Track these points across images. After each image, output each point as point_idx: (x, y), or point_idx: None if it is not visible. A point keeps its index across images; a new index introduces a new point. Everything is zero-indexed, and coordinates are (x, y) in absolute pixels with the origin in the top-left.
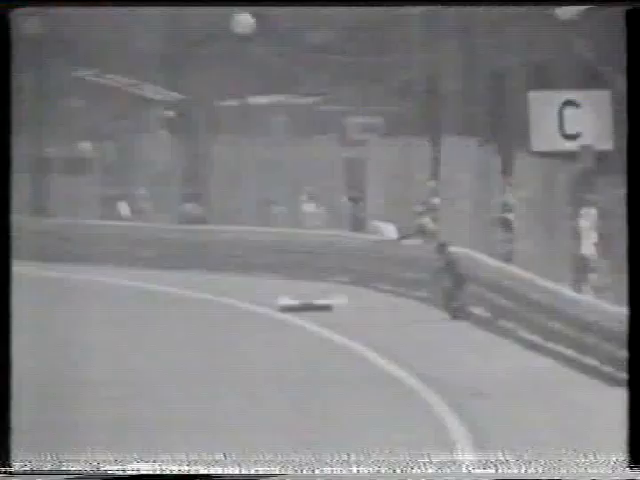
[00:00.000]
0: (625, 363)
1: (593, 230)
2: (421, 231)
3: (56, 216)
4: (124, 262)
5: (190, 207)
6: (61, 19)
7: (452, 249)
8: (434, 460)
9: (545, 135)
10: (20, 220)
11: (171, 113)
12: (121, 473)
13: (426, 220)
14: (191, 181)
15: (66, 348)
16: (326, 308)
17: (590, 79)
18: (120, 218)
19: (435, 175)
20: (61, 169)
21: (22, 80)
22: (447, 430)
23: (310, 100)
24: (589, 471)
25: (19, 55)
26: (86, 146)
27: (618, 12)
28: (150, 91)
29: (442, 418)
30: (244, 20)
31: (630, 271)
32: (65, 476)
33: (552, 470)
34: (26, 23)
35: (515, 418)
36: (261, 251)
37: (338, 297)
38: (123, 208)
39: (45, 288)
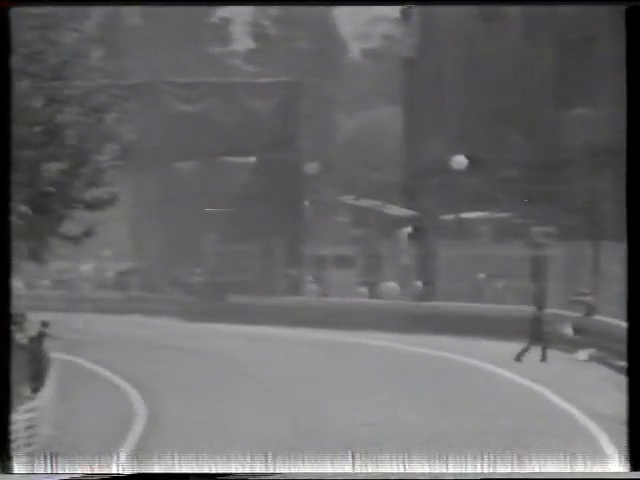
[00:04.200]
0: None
1: None
2: (587, 306)
3: (331, 296)
4: (376, 328)
5: (422, 288)
6: (331, 162)
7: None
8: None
9: None
10: (306, 300)
11: (408, 225)
12: (121, 473)
13: (588, 299)
14: (422, 271)
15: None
16: None
17: None
18: (375, 297)
19: (596, 270)
20: (333, 264)
21: (301, 203)
22: None
23: (506, 215)
24: (589, 471)
25: (303, 191)
26: (350, 248)
27: None
28: (392, 210)
29: None
30: (460, 160)
31: (629, 275)
32: (64, 477)
33: (553, 470)
34: (306, 167)
35: None
36: (474, 320)
37: None
38: (392, 287)
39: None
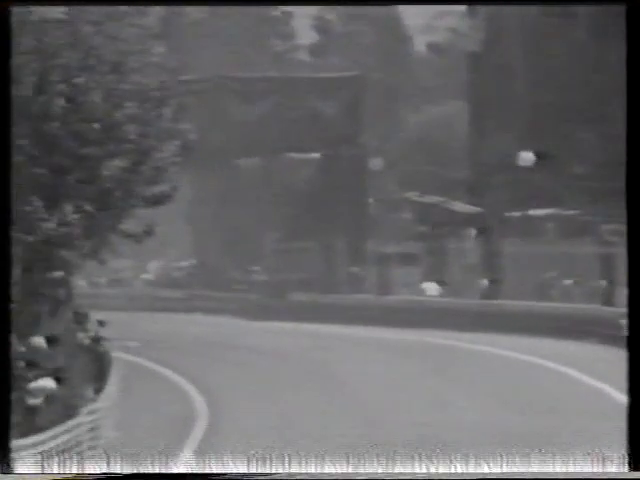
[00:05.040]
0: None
1: None
2: None
3: (398, 294)
4: (441, 326)
5: (486, 287)
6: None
7: None
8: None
9: None
10: (369, 298)
11: (473, 222)
12: (120, 473)
13: None
14: (488, 269)
15: None
16: None
17: None
18: (438, 295)
19: None
20: (397, 262)
21: (365, 200)
22: None
23: (574, 212)
24: (589, 471)
25: (366, 187)
26: (414, 245)
27: None
28: (457, 206)
29: None
30: (527, 156)
31: (630, 271)
32: (64, 476)
33: (552, 469)
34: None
35: None
36: (541, 319)
37: None
38: (431, 288)
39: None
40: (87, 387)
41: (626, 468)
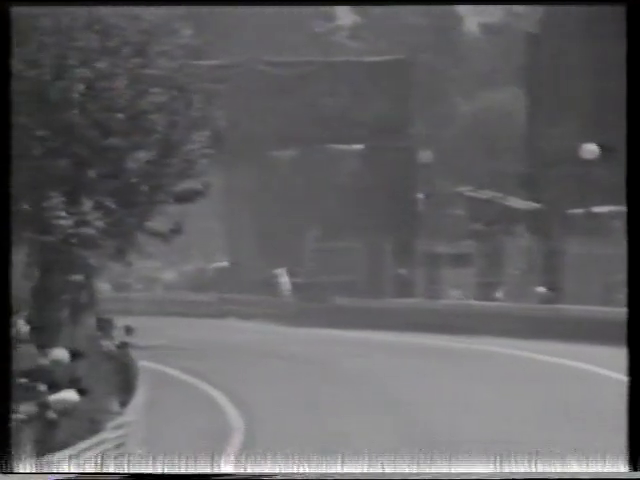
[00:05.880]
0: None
1: None
2: None
3: (445, 298)
4: (500, 333)
5: (545, 291)
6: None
7: None
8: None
9: None
10: (418, 303)
11: (531, 219)
12: (121, 473)
13: None
14: (548, 271)
15: None
16: None
17: None
18: (494, 299)
19: None
20: (448, 263)
21: (413, 195)
22: None
23: None
24: (589, 471)
25: (415, 181)
26: (468, 244)
27: None
28: (514, 202)
29: None
30: (591, 148)
31: (629, 271)
32: (64, 476)
33: (552, 469)
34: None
35: None
36: (605, 326)
37: None
38: (498, 293)
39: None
40: (112, 400)
41: (626, 468)
